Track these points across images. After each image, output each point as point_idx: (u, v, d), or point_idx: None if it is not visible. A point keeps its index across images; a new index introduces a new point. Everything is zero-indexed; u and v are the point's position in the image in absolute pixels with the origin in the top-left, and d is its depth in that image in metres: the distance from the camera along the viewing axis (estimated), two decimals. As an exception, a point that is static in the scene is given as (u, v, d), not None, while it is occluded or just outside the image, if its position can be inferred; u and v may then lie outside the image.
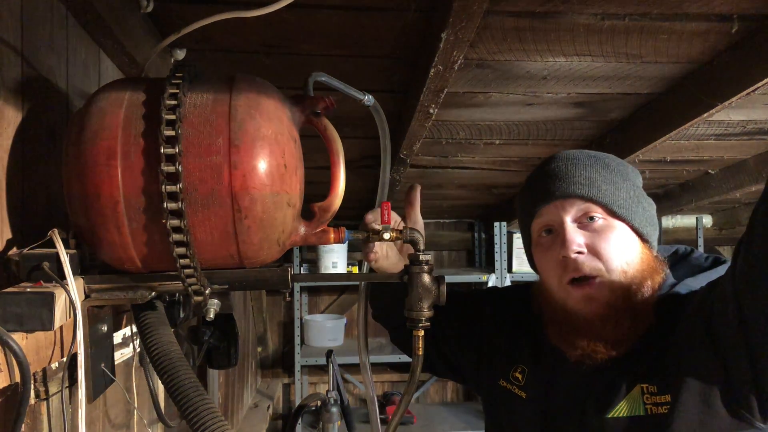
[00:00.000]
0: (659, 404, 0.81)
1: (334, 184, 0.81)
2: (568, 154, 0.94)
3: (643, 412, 0.82)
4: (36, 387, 0.79)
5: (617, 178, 0.90)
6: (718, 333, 0.78)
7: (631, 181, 0.92)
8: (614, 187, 0.89)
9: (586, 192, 0.87)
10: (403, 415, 0.90)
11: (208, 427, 0.70)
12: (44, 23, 0.87)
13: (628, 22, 1.12)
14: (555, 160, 0.94)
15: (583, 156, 0.93)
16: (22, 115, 0.81)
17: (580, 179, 0.88)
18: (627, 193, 0.90)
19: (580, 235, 0.87)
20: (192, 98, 0.72)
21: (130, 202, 0.70)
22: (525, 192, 0.98)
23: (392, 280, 0.86)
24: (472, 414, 3.59)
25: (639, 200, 0.91)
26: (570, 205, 0.88)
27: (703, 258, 0.98)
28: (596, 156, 0.93)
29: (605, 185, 0.88)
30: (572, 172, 0.90)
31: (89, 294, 0.78)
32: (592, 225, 0.88)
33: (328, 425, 1.84)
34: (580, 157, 0.92)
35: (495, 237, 3.38)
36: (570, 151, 0.95)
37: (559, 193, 0.89)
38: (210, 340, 1.25)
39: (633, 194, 0.91)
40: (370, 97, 0.96)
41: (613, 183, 0.89)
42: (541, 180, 0.93)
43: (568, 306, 0.89)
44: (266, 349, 3.76)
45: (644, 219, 0.90)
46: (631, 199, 0.90)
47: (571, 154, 0.94)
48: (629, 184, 0.91)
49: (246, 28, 1.11)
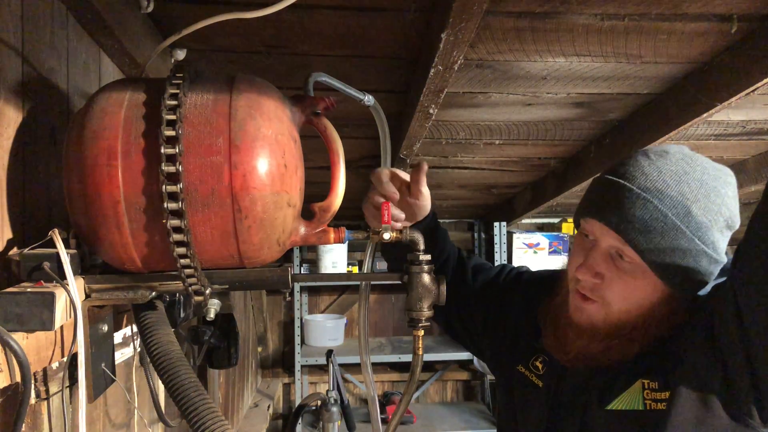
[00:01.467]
0: (658, 400, 0.82)
1: (334, 184, 0.81)
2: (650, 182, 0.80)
3: (641, 406, 0.83)
4: (36, 387, 0.79)
5: (682, 240, 0.79)
6: (719, 337, 0.78)
7: (705, 237, 0.80)
8: (671, 249, 0.79)
9: (632, 239, 0.80)
10: (403, 414, 0.90)
11: (208, 426, 0.70)
12: (45, 23, 0.87)
13: (628, 22, 1.12)
14: (634, 177, 0.82)
15: (670, 191, 0.80)
16: (22, 115, 0.81)
17: (637, 223, 0.79)
18: (683, 254, 0.79)
19: (602, 264, 0.84)
20: (192, 98, 0.72)
21: (130, 202, 0.70)
22: (596, 184, 0.88)
23: (392, 280, 0.86)
24: (472, 414, 3.59)
25: (697, 257, 0.80)
26: (610, 236, 0.83)
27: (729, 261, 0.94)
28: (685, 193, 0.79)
29: (661, 240, 0.79)
30: (637, 210, 0.80)
31: (90, 294, 0.78)
32: (620, 263, 0.84)
33: (328, 425, 1.84)
34: (663, 190, 0.80)
35: (495, 237, 3.38)
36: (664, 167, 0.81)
37: (611, 222, 0.82)
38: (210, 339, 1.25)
39: (695, 254, 0.80)
40: (370, 97, 0.96)
41: (672, 243, 0.79)
42: (610, 191, 0.83)
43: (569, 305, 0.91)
44: (266, 348, 3.76)
45: (689, 276, 0.81)
46: (685, 259, 0.80)
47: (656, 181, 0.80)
48: (695, 244, 0.80)
49: (246, 28, 1.11)
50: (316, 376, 3.74)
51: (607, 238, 0.84)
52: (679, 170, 0.81)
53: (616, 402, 0.85)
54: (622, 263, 0.84)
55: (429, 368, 3.82)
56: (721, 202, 0.82)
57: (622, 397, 0.85)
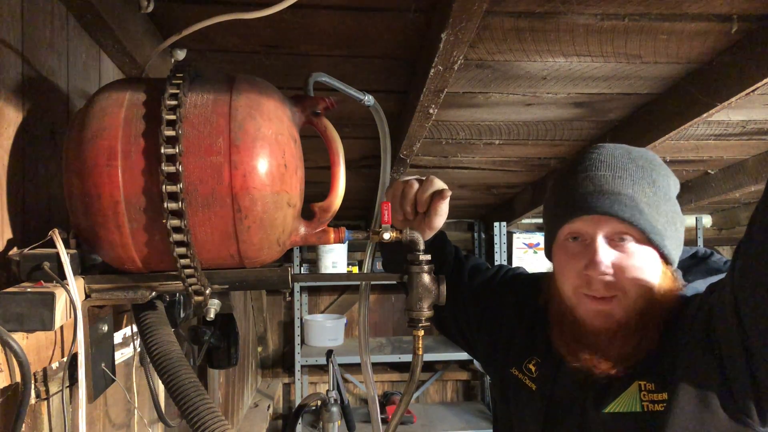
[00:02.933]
0: (656, 402, 0.82)
1: (334, 184, 0.81)
2: (615, 160, 0.86)
3: (639, 408, 0.83)
4: (36, 387, 0.79)
5: (660, 199, 0.85)
6: (717, 336, 0.78)
7: (672, 201, 0.87)
8: (656, 212, 0.84)
9: (628, 215, 0.82)
10: (403, 414, 0.90)
11: (208, 426, 0.70)
12: (45, 23, 0.87)
13: (628, 22, 1.12)
14: (600, 164, 0.86)
15: (631, 165, 0.85)
16: (22, 115, 0.81)
17: (625, 199, 0.82)
18: (666, 216, 0.85)
19: (609, 254, 0.84)
20: (192, 98, 0.72)
21: (130, 202, 0.70)
22: (562, 192, 0.90)
23: (392, 280, 0.86)
24: (472, 414, 3.59)
25: (674, 222, 0.86)
26: (606, 223, 0.84)
27: (721, 262, 0.96)
28: (643, 166, 0.86)
29: (648, 208, 0.83)
30: (618, 187, 0.83)
31: (90, 294, 0.78)
32: (623, 245, 0.84)
33: (328, 425, 1.84)
34: (628, 167, 0.85)
35: (495, 237, 3.38)
36: (616, 152, 0.87)
37: (600, 209, 0.83)
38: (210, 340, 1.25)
39: (671, 217, 0.86)
40: (370, 97, 0.96)
41: (656, 206, 0.84)
42: (582, 186, 0.86)
43: (578, 314, 0.88)
44: (266, 348, 3.76)
45: (675, 242, 0.86)
46: (668, 222, 0.85)
47: (618, 161, 0.86)
48: (669, 205, 0.86)
49: (246, 28, 1.11)
50: (316, 376, 3.74)
51: (604, 226, 0.84)
52: (622, 152, 0.88)
53: (614, 404, 0.85)
54: (627, 245, 0.84)
55: (429, 368, 3.82)
56: (661, 165, 0.89)
57: (619, 399, 0.85)
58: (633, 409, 0.83)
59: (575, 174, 0.88)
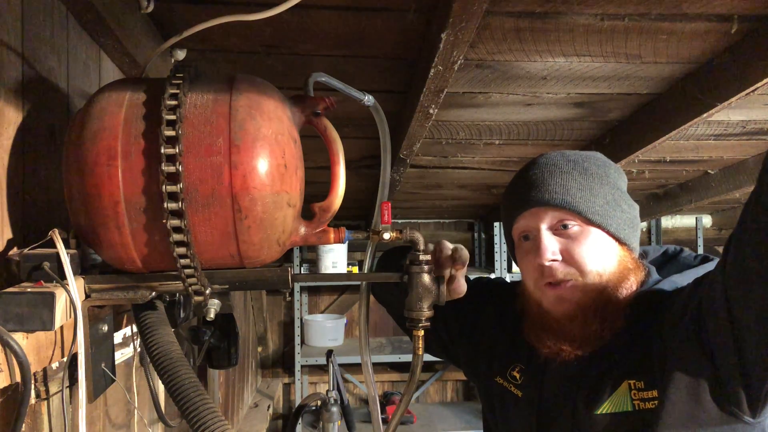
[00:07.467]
0: (647, 399, 0.82)
1: (334, 184, 0.81)
2: (547, 160, 0.94)
3: (630, 407, 0.83)
4: (36, 387, 0.79)
5: (594, 183, 0.91)
6: (706, 328, 0.78)
7: (610, 185, 0.92)
8: (590, 194, 0.89)
9: (560, 201, 0.88)
10: (403, 414, 0.90)
11: (208, 426, 0.70)
12: (45, 23, 0.87)
13: (628, 22, 1.12)
14: (533, 166, 0.95)
15: (562, 161, 0.93)
16: (22, 115, 0.81)
17: (555, 187, 0.90)
18: (604, 198, 0.90)
19: (554, 242, 0.89)
20: (192, 98, 0.73)
21: (130, 202, 0.70)
22: (506, 198, 0.99)
23: (392, 280, 0.86)
24: (472, 414, 3.59)
25: (617, 204, 0.91)
26: (545, 213, 0.90)
27: (692, 257, 1.00)
28: (575, 160, 0.93)
29: (580, 192, 0.89)
30: (548, 180, 0.91)
31: (90, 294, 0.78)
32: (566, 232, 0.89)
33: (328, 425, 1.84)
34: (559, 162, 0.93)
35: (495, 237, 3.38)
36: (549, 156, 0.95)
37: (535, 201, 0.90)
38: (210, 340, 1.25)
39: (611, 198, 0.91)
40: (370, 97, 0.96)
41: (589, 189, 0.90)
42: (520, 187, 0.94)
43: (543, 305, 0.92)
44: (266, 348, 3.76)
45: (622, 222, 0.91)
46: (608, 204, 0.90)
47: (550, 160, 0.94)
48: (608, 188, 0.91)
49: (246, 28, 1.11)
50: (316, 376, 3.74)
51: (545, 217, 0.90)
52: (557, 154, 0.96)
53: (605, 405, 0.85)
54: (570, 231, 0.89)
55: (429, 368, 3.82)
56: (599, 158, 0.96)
57: (610, 400, 0.85)
58: (624, 409, 0.84)
59: (515, 180, 0.97)
